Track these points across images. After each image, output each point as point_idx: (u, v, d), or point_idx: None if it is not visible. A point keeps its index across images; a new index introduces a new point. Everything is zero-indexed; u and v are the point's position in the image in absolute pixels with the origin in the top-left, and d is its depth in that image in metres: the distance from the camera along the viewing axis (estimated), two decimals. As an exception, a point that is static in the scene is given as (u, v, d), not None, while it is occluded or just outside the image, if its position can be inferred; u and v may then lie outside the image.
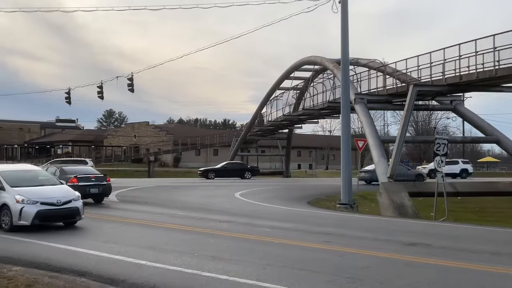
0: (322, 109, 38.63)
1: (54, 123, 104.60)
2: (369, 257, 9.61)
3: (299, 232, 13.00)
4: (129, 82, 34.64)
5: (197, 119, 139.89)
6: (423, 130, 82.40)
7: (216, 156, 76.25)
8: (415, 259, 9.45)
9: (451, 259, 9.50)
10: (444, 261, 9.25)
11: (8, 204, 12.59)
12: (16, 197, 12.56)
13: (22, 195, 12.58)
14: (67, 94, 38.25)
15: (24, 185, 13.14)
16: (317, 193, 28.83)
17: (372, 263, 9.09)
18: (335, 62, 33.71)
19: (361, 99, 27.90)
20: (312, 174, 62.93)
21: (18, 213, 12.34)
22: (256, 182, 40.01)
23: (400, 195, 21.95)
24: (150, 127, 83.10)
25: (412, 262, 9.22)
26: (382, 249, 10.59)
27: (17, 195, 12.58)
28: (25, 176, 13.94)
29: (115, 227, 13.73)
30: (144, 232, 12.78)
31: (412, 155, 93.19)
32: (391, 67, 29.10)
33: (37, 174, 14.41)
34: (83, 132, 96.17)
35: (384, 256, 9.75)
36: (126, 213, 17.38)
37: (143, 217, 16.14)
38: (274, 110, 48.85)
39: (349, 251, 10.23)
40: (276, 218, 16.33)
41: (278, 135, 58.74)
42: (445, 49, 24.02)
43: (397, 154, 25.00)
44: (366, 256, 9.75)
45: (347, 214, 19.04)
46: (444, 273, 8.43)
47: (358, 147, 28.74)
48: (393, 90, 27.97)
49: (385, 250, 10.42)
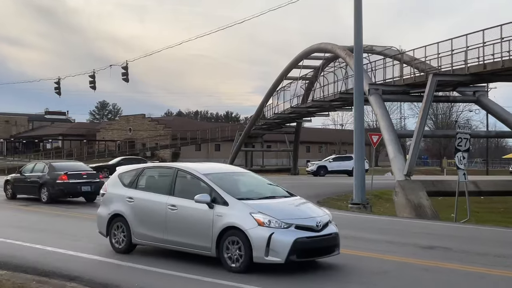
0: (333, 101, 38.53)
1: (43, 115, 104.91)
2: (383, 261, 9.60)
3: (308, 234, 12.98)
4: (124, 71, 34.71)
5: (197, 112, 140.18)
6: (443, 123, 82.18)
7: (218, 152, 76.36)
8: (433, 264, 9.43)
9: (473, 264, 9.47)
10: (465, 266, 9.23)
11: (241, 228, 8.36)
12: (256, 216, 8.37)
13: (265, 214, 8.43)
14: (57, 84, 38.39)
15: (253, 196, 9.12)
16: (327, 192, 28.79)
17: (387, 267, 9.08)
18: (347, 49, 33.60)
19: (376, 89, 27.81)
20: (322, 171, 62.79)
21: (265, 243, 8.16)
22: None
23: (417, 194, 21.91)
24: (146, 120, 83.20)
25: (430, 267, 9.20)
26: (397, 252, 10.58)
27: (257, 213, 8.41)
28: (246, 182, 9.94)
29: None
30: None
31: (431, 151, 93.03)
32: (408, 55, 28.98)
33: (257, 178, 10.30)
34: (74, 125, 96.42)
35: (400, 260, 9.74)
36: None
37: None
38: (281, 101, 48.84)
39: (362, 254, 10.23)
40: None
41: (285, 129, 58.67)
42: (467, 35, 23.89)
43: (415, 149, 24.93)
44: (380, 260, 9.73)
45: (359, 214, 19.02)
46: (465, 279, 8.41)
47: (372, 142, 28.70)
48: (411, 80, 27.86)
49: (401, 254, 10.41)
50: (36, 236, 12.19)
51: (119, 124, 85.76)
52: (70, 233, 12.73)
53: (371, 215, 19.65)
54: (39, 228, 13.70)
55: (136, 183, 10.26)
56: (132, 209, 9.90)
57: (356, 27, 21.25)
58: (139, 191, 10.04)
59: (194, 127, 74.80)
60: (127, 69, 34.57)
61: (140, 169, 10.58)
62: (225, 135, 66.26)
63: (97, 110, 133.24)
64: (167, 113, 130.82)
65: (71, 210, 18.42)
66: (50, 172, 20.88)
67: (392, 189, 24.94)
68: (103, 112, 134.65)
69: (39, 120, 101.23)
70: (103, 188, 10.98)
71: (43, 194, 20.74)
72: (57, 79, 38.30)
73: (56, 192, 20.54)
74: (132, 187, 10.22)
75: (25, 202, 21.00)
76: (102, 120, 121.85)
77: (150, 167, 10.90)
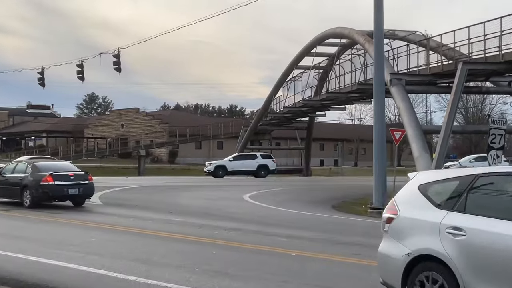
0: (350, 92, 38.45)
1: (25, 109, 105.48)
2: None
3: (322, 243, 13.01)
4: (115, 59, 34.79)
5: (197, 105, 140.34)
6: (475, 118, 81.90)
7: (221, 150, 76.47)
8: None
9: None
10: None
11: None
12: None
13: None
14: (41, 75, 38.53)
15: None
16: (343, 195, 28.80)
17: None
18: (366, 34, 33.49)
19: (399, 80, 27.74)
20: (338, 172, 62.86)
21: None
22: (269, 182, 40.07)
23: (445, 198, 21.82)
24: (140, 114, 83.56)
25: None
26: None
27: None
28: None
29: (98, 236, 13.81)
30: (133, 242, 12.85)
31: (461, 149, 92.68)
32: (435, 40, 28.88)
33: None
34: (60, 120, 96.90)
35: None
36: (112, 219, 17.49)
37: (132, 223, 16.23)
38: (292, 93, 48.81)
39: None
40: (294, 226, 16.34)
41: (296, 125, 58.68)
42: (502, 18, 23.75)
43: (443, 147, 24.85)
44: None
45: (380, 220, 18.94)
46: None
47: (395, 139, 28.56)
48: (438, 68, 27.76)
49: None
50: (18, 244, 12.25)
51: (110, 119, 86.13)
52: (56, 241, 12.78)
53: (393, 221, 19.59)
54: (21, 236, 13.76)
55: (465, 201, 6.57)
56: (462, 250, 6.26)
57: (377, 8, 21.18)
58: (475, 217, 6.35)
59: (194, 122, 74.99)
60: (119, 58, 34.64)
61: (468, 176, 6.80)
62: (228, 132, 66.30)
63: (86, 103, 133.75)
64: (163, 107, 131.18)
65: (57, 215, 18.49)
66: (34, 173, 20.96)
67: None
68: (92, 106, 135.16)
69: (21, 114, 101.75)
70: (389, 208, 7.50)
71: (26, 197, 20.81)
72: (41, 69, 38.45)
73: (40, 195, 20.61)
74: (458, 210, 6.57)
75: (5, 206, 21.09)
76: (91, 115, 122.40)
77: (488, 173, 6.83)
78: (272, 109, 55.21)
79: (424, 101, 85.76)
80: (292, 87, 49.10)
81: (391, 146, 71.61)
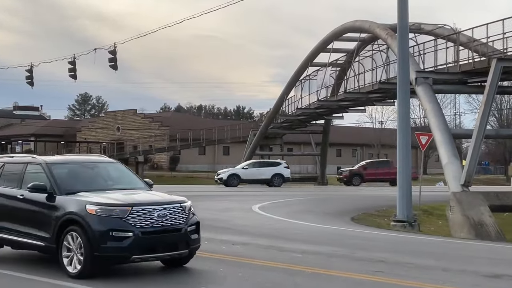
0: (371, 92, 38.49)
1: (11, 111, 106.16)
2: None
3: (340, 259, 12.99)
4: (111, 56, 34.99)
5: (201, 106, 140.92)
6: (509, 121, 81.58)
7: (227, 156, 76.63)
8: (500, 297, 9.35)
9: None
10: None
11: None
12: None
13: None
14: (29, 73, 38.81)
15: None
16: (364, 206, 28.76)
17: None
18: (389, 28, 33.55)
19: (425, 78, 27.71)
20: (357, 180, 62.74)
21: None
22: (281, 192, 40.07)
23: (478, 210, 21.80)
24: (138, 116, 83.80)
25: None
26: (454, 282, 10.54)
27: None
28: None
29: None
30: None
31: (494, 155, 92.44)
32: (465, 35, 28.86)
33: None
34: (50, 123, 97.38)
35: (458, 292, 9.69)
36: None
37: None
38: (306, 93, 48.89)
39: (410, 284, 10.19)
40: (309, 240, 16.32)
41: (311, 128, 58.76)
42: (541, 10, 23.72)
43: (474, 153, 24.76)
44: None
45: (405, 234, 18.98)
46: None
47: (421, 144, 28.58)
48: (469, 66, 27.73)
49: (458, 284, 10.36)
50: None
51: (104, 122, 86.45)
52: None
53: (419, 235, 19.59)
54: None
55: None
56: None
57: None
58: None
59: (197, 125, 75.13)
60: (115, 54, 34.84)
61: None
62: (235, 136, 66.38)
63: (78, 104, 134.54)
64: (163, 108, 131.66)
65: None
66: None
67: (445, 202, 24.77)
68: (85, 107, 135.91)
69: (7, 116, 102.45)
70: None
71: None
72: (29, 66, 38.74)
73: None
74: None
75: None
76: (83, 117, 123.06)
77: None
78: (283, 110, 55.29)
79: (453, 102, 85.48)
80: (306, 87, 49.17)
81: (416, 152, 71.86)
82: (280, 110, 55.25)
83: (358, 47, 41.15)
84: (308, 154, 66.37)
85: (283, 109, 55.14)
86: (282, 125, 57.35)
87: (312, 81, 48.15)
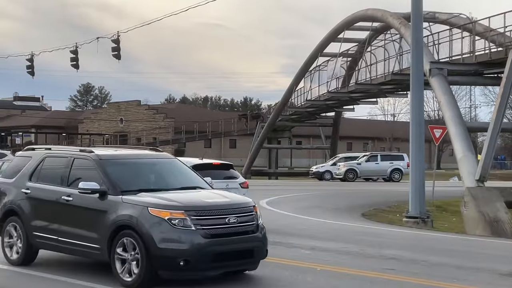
0: (383, 84, 38.38)
1: (11, 102, 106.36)
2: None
3: (351, 256, 13.03)
4: (115, 45, 35.01)
5: (207, 98, 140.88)
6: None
7: (234, 149, 76.72)
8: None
9: None
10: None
11: None
12: None
13: None
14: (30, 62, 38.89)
15: None
16: (375, 201, 28.79)
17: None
18: (402, 17, 33.45)
19: (440, 69, 27.63)
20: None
21: None
22: (287, 186, 40.06)
23: (493, 206, 21.74)
24: (142, 108, 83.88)
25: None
26: (468, 280, 10.56)
27: None
28: None
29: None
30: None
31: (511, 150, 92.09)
32: (482, 24, 28.73)
33: None
34: (51, 114, 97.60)
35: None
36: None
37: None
38: (316, 85, 48.84)
39: (422, 282, 10.20)
40: (318, 236, 16.34)
41: (321, 121, 58.66)
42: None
43: (490, 147, 24.69)
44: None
45: (418, 231, 19.00)
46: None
47: (434, 138, 28.52)
48: (486, 56, 27.63)
49: (472, 283, 10.37)
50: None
51: (107, 113, 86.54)
52: None
53: (433, 231, 19.58)
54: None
55: None
56: None
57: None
58: None
59: (203, 117, 75.19)
60: (119, 43, 34.87)
61: None
62: (242, 128, 66.43)
63: (80, 95, 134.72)
64: (168, 100, 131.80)
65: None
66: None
67: (459, 198, 24.71)
68: (88, 98, 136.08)
69: (7, 107, 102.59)
70: None
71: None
72: (30, 55, 38.81)
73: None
74: None
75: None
76: (85, 108, 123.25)
77: None
78: (292, 102, 55.25)
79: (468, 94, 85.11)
80: (316, 78, 49.10)
81: (430, 146, 71.69)
82: (289, 101, 55.20)
83: (370, 36, 41.02)
84: (318, 147, 66.21)
85: (292, 101, 55.11)
86: (291, 118, 57.29)
87: (322, 72, 48.06)
